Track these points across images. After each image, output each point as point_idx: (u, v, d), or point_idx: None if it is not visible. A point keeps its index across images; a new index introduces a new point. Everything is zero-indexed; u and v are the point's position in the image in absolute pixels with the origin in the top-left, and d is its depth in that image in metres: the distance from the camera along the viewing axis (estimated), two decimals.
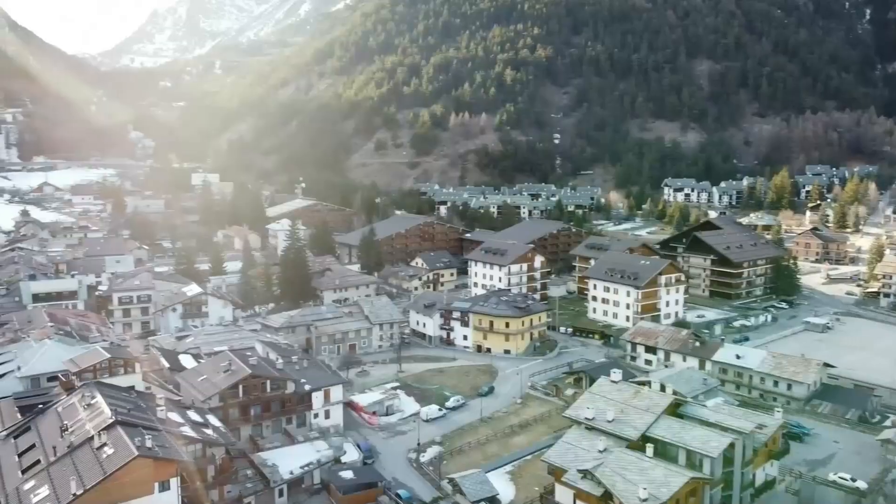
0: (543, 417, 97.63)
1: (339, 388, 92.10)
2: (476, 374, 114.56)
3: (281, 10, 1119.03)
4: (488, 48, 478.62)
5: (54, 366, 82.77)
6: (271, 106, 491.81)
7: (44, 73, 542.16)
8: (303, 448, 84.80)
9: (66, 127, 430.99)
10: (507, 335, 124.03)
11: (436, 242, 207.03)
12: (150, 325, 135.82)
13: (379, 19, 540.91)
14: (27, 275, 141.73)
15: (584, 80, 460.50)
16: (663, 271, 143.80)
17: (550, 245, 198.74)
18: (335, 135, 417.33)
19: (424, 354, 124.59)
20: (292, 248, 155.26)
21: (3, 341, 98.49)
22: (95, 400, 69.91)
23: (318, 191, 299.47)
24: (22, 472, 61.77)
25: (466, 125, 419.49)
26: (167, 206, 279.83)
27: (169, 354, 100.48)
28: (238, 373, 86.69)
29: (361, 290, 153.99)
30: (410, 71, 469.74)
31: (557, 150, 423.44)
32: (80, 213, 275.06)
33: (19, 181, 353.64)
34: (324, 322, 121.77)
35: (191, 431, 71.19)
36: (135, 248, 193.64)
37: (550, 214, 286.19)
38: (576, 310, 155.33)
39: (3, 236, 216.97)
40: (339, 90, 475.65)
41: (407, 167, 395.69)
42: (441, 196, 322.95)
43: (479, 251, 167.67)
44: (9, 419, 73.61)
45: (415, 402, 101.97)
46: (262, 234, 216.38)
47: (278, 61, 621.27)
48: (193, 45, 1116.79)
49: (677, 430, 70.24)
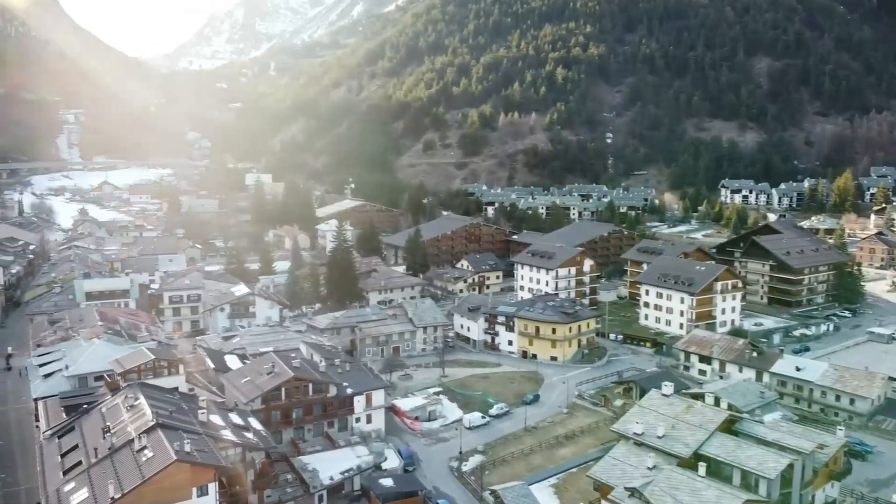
0: (590, 429, 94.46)
1: (381, 393, 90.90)
2: (521, 381, 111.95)
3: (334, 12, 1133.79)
4: (539, 47, 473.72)
5: (101, 365, 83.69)
6: (323, 107, 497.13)
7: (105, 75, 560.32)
8: (343, 453, 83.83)
9: (127, 128, 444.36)
10: (554, 341, 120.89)
11: (482, 244, 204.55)
12: (200, 324, 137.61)
13: (429, 20, 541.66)
14: (82, 273, 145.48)
15: (638, 78, 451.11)
16: (719, 277, 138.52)
17: (601, 248, 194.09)
18: (384, 135, 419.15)
19: (468, 359, 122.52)
20: (339, 248, 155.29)
21: (55, 339, 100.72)
22: (138, 401, 70.25)
23: (367, 191, 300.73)
24: (63, 473, 62.35)
25: (516, 125, 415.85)
26: (221, 206, 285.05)
27: (215, 355, 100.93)
28: (281, 375, 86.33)
29: (406, 292, 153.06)
30: (460, 71, 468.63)
31: (609, 149, 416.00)
32: (138, 212, 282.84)
33: (80, 180, 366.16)
34: (368, 324, 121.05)
35: (231, 435, 70.84)
36: (188, 247, 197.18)
37: (601, 216, 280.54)
38: (627, 316, 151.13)
39: (63, 234, 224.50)
40: (389, 91, 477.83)
41: (455, 167, 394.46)
42: (488, 197, 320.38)
43: (526, 254, 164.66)
44: (54, 418, 74.78)
45: (457, 408, 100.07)
46: (311, 234, 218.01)
47: (331, 62, 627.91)
48: (249, 47, 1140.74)
49: (732, 449, 66.52)
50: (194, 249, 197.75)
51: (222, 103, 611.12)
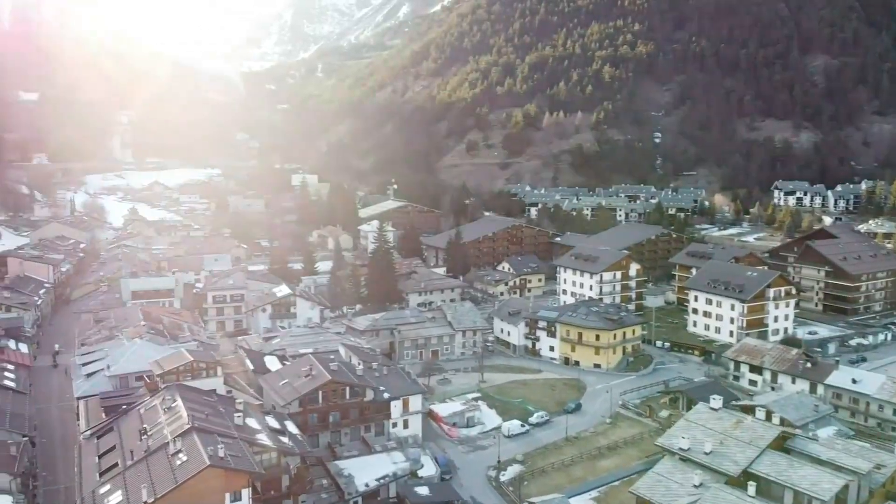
0: (634, 440, 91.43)
1: (418, 398, 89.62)
2: (562, 388, 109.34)
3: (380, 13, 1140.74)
4: (586, 45, 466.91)
5: (142, 366, 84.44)
6: (368, 108, 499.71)
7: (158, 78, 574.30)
8: (380, 458, 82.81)
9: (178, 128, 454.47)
10: (598, 348, 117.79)
11: (524, 246, 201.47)
12: (243, 323, 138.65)
13: (475, 19, 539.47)
14: (128, 272, 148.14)
15: (688, 76, 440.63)
16: (772, 283, 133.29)
17: (648, 251, 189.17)
18: (428, 136, 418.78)
19: (508, 364, 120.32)
20: (379, 249, 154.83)
21: (99, 338, 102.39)
22: (175, 403, 70.42)
23: (410, 192, 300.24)
24: (100, 475, 62.72)
25: (561, 124, 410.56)
26: (267, 206, 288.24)
27: (254, 356, 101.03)
28: (318, 378, 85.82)
29: (446, 294, 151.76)
30: (505, 70, 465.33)
31: (658, 149, 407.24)
32: (186, 211, 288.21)
33: (133, 180, 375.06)
34: (407, 327, 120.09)
35: (266, 439, 70.42)
36: (233, 246, 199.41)
37: (649, 218, 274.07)
38: (674, 322, 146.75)
39: (113, 233, 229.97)
40: (433, 92, 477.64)
41: (498, 168, 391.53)
42: (532, 198, 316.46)
43: (570, 257, 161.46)
44: (94, 418, 75.65)
45: (496, 415, 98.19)
46: (354, 234, 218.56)
47: (376, 64, 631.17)
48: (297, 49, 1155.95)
49: (784, 468, 63.14)
50: (240, 249, 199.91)
51: (270, 104, 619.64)
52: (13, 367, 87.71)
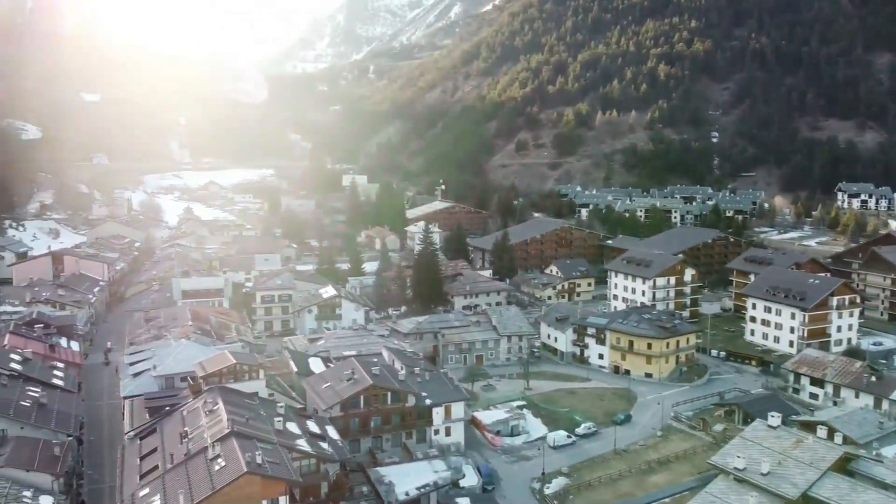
0: (687, 455, 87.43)
1: (461, 405, 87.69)
2: (611, 398, 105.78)
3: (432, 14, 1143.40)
4: (640, 43, 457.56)
5: (187, 366, 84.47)
6: (418, 109, 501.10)
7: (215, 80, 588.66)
8: (421, 466, 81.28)
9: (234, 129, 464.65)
10: (649, 357, 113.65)
11: (573, 249, 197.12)
12: (290, 323, 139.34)
13: (526, 18, 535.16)
14: (180, 271, 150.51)
15: (747, 74, 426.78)
16: (835, 291, 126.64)
17: (704, 256, 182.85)
18: (477, 136, 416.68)
19: (554, 372, 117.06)
20: (425, 251, 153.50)
21: (148, 338, 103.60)
22: (217, 407, 70.22)
23: (458, 192, 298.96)
24: (140, 477, 62.82)
25: (614, 123, 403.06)
26: (317, 206, 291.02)
27: (299, 357, 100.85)
28: (360, 382, 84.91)
29: (492, 297, 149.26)
30: (556, 69, 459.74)
31: (715, 149, 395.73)
32: (240, 210, 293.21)
33: (189, 180, 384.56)
34: (451, 330, 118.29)
35: (306, 445, 69.57)
36: (284, 246, 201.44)
37: (705, 220, 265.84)
38: (731, 331, 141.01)
39: (168, 232, 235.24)
40: (483, 91, 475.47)
41: (548, 168, 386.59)
42: (583, 198, 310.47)
43: (621, 261, 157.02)
44: (138, 419, 76.14)
45: (542, 424, 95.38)
46: (401, 235, 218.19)
47: (427, 64, 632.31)
48: (350, 50, 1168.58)
49: (846, 492, 59.13)
50: (290, 249, 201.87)
51: (323, 105, 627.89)
52: (63, 366, 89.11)
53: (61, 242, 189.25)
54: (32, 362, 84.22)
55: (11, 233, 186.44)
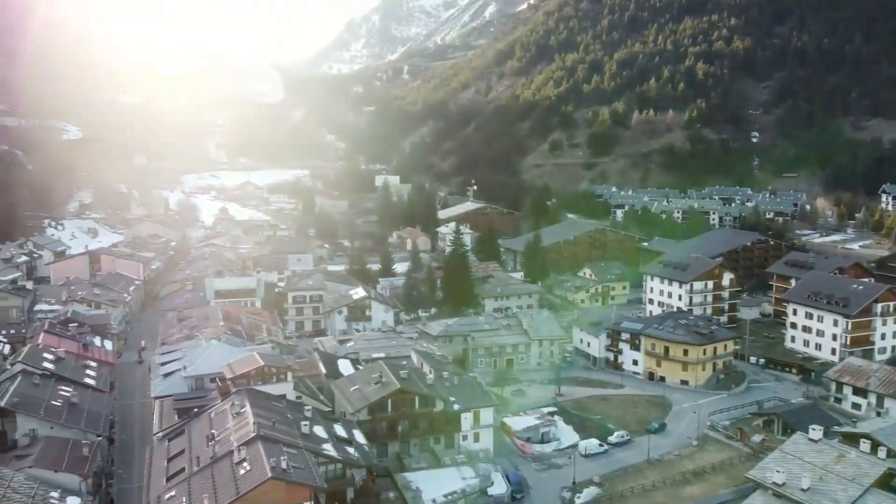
0: (723, 466, 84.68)
1: (489, 411, 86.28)
2: (645, 405, 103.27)
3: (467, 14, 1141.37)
4: (678, 41, 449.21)
5: (217, 367, 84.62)
6: (452, 109, 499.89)
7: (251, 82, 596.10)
8: (449, 473, 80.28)
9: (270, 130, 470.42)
10: (685, 364, 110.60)
11: (608, 251, 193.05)
12: (321, 324, 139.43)
13: (562, 17, 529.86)
14: (214, 271, 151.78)
15: (788, 73, 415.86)
16: (880, 298, 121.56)
17: (743, 259, 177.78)
18: (510, 136, 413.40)
19: (587, 377, 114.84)
20: (455, 252, 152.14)
21: (179, 337, 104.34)
22: (244, 409, 70.15)
23: (490, 193, 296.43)
24: (167, 479, 62.82)
25: (651, 123, 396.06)
26: (350, 206, 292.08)
27: (328, 359, 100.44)
28: (388, 386, 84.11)
29: (523, 300, 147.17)
30: (591, 68, 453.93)
31: (755, 149, 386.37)
32: (275, 211, 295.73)
33: (226, 180, 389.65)
34: (481, 333, 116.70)
35: (332, 450, 69.06)
36: (317, 246, 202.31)
37: (745, 222, 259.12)
38: (770, 337, 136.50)
39: (204, 231, 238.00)
40: (516, 91, 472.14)
41: (582, 168, 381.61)
42: (618, 199, 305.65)
43: (657, 264, 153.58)
44: (167, 420, 76.39)
45: (573, 431, 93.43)
46: (433, 236, 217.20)
47: (461, 64, 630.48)
48: (385, 51, 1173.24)
49: None
50: (322, 249, 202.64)
51: (357, 106, 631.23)
52: (96, 365, 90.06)
53: (99, 242, 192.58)
54: (65, 361, 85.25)
55: (51, 232, 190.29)
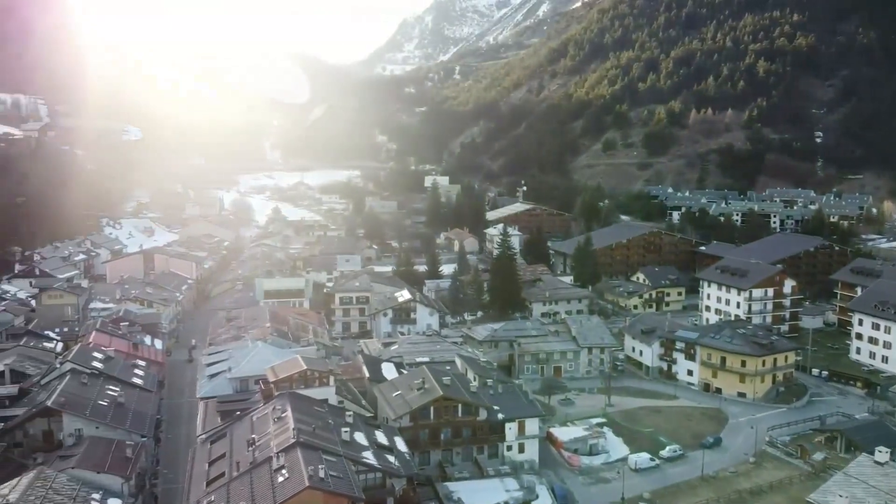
0: (782, 485, 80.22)
1: (535, 422, 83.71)
2: (700, 418, 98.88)
3: (520, 13, 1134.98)
4: (738, 38, 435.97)
5: (262, 369, 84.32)
6: (502, 108, 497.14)
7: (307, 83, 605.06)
8: (492, 484, 78.08)
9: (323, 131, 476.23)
10: (743, 375, 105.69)
11: (662, 255, 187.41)
12: (367, 325, 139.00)
13: (617, 14, 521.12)
14: (264, 271, 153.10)
15: (853, 71, 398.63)
16: None
17: (805, 265, 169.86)
18: (562, 136, 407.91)
19: (639, 387, 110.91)
20: (503, 254, 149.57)
21: (227, 338, 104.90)
22: (285, 414, 69.41)
23: (540, 194, 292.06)
24: (207, 484, 62.43)
25: (709, 122, 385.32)
26: (400, 207, 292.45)
27: (372, 362, 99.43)
28: (431, 392, 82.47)
29: (573, 305, 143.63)
30: (647, 66, 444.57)
31: (819, 150, 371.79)
32: (326, 211, 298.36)
33: (280, 180, 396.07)
34: (528, 339, 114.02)
35: (372, 458, 67.63)
36: (365, 247, 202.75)
37: (807, 226, 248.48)
38: (834, 348, 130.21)
39: (257, 231, 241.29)
40: (569, 90, 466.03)
41: (637, 168, 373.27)
42: (674, 201, 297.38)
43: (715, 269, 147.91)
44: (210, 422, 76.37)
45: (623, 444, 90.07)
46: (481, 237, 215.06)
47: (513, 63, 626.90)
48: (437, 52, 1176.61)
49: None
50: (371, 250, 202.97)
51: (409, 107, 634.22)
52: (144, 364, 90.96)
53: (155, 241, 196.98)
54: (114, 360, 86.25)
55: (109, 231, 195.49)
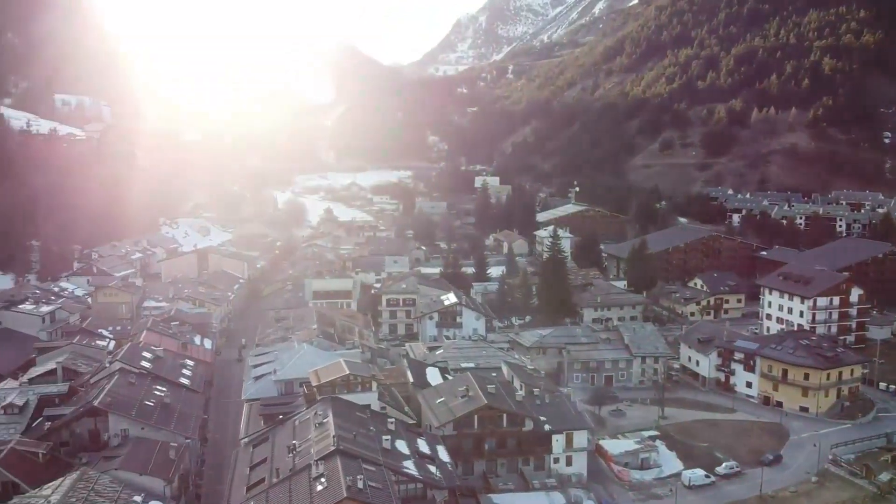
0: None
1: (583, 434, 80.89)
2: (759, 433, 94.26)
3: (575, 11, 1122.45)
4: (802, 35, 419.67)
5: (306, 371, 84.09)
6: (556, 107, 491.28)
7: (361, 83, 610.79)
8: (537, 497, 75.89)
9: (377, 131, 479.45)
10: (806, 389, 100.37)
11: (722, 260, 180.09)
12: (414, 328, 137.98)
13: (675, 11, 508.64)
14: (314, 272, 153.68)
15: None
16: None
17: (873, 273, 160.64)
18: (617, 135, 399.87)
19: (694, 399, 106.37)
20: (553, 257, 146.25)
21: (275, 339, 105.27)
22: (326, 420, 68.81)
23: (594, 195, 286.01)
24: (247, 489, 62.07)
25: (771, 121, 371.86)
26: (449, 208, 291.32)
27: (416, 366, 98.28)
28: (474, 401, 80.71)
29: (626, 311, 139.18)
30: (707, 64, 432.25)
31: (888, 150, 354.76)
32: (377, 211, 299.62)
33: (334, 180, 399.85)
34: (577, 347, 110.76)
35: (413, 468, 66.22)
36: (414, 248, 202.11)
37: (876, 231, 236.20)
38: None
39: (310, 231, 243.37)
40: (625, 88, 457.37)
41: (695, 169, 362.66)
42: (734, 203, 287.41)
43: (777, 276, 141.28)
44: (253, 425, 76.28)
45: (676, 459, 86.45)
46: (530, 239, 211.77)
47: (567, 62, 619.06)
48: (491, 51, 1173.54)
49: None
50: (419, 251, 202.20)
51: (461, 107, 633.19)
52: (192, 364, 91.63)
53: (210, 240, 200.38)
54: (163, 360, 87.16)
55: (165, 230, 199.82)
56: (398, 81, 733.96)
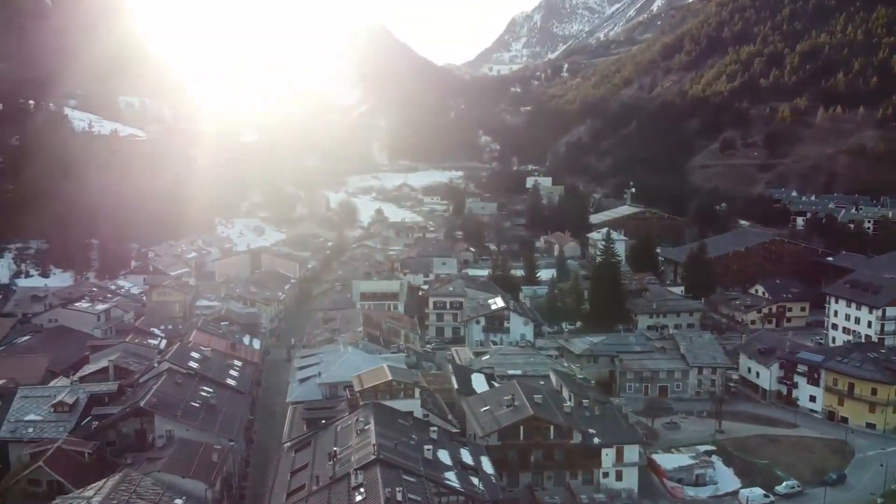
0: None
1: (634, 449, 77.73)
2: (822, 450, 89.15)
3: (633, 8, 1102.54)
4: (870, 31, 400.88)
5: (350, 375, 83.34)
6: (611, 106, 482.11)
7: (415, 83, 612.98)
8: None
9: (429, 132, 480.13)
10: (873, 404, 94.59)
11: (785, 265, 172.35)
12: (461, 331, 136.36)
13: (737, 7, 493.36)
14: (363, 273, 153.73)
15: None
16: None
17: None
18: (675, 135, 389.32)
19: (753, 413, 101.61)
20: (606, 261, 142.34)
21: (321, 340, 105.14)
22: (368, 427, 67.97)
23: (650, 196, 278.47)
24: (287, 496, 61.54)
25: (838, 121, 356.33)
26: (500, 209, 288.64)
27: (461, 372, 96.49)
28: (521, 411, 78.56)
29: (682, 318, 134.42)
30: (770, 61, 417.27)
31: None
32: (427, 212, 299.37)
33: (386, 181, 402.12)
34: (630, 355, 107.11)
35: (455, 480, 64.53)
36: (463, 249, 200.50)
37: None
38: None
39: (362, 232, 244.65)
40: (684, 86, 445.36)
41: (757, 170, 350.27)
42: (799, 205, 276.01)
43: (843, 284, 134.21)
44: (297, 429, 75.84)
45: (734, 476, 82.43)
46: (583, 242, 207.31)
47: (624, 60, 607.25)
48: (546, 50, 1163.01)
49: None
50: (468, 252, 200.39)
51: (514, 107, 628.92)
52: (240, 365, 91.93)
53: (264, 240, 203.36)
54: (210, 360, 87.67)
55: (220, 229, 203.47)
56: (451, 82, 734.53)
